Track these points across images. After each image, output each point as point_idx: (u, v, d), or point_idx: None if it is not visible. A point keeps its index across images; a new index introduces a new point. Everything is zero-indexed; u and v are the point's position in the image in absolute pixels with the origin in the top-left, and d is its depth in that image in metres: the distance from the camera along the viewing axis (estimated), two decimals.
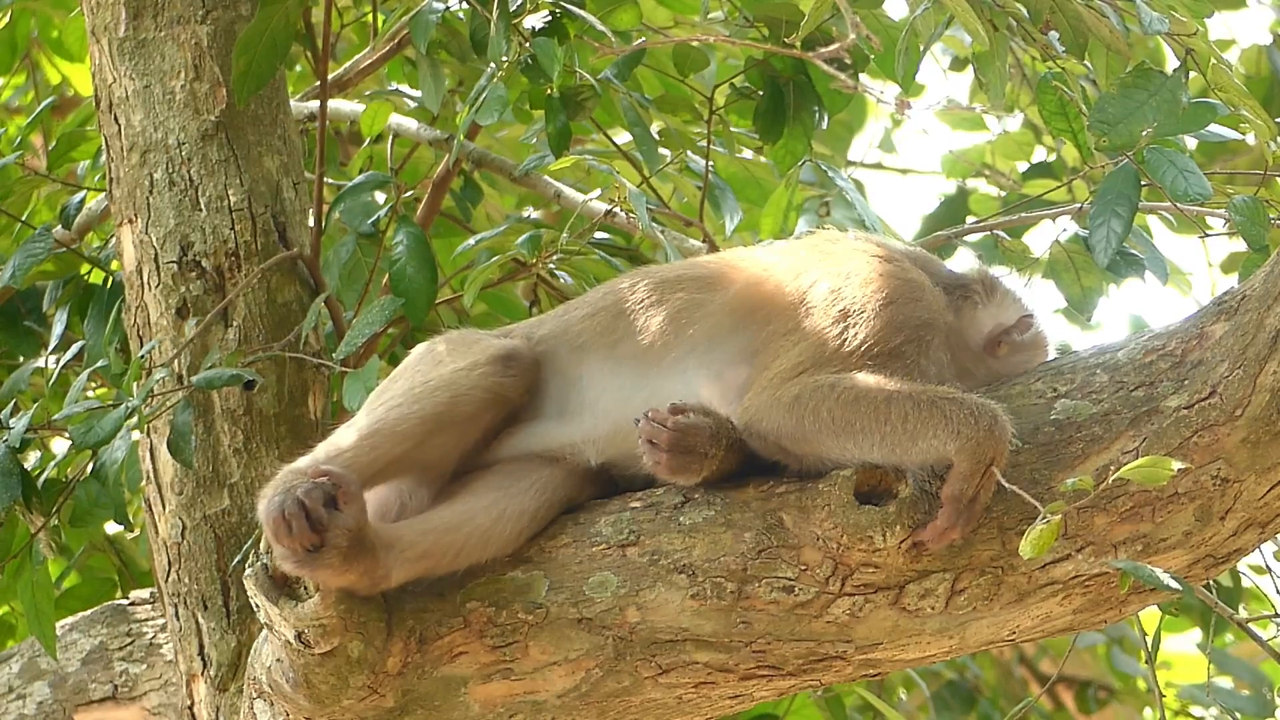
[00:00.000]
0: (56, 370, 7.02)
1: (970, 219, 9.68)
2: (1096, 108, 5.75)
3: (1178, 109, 5.74)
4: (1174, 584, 4.89)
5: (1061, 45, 6.12)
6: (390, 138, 7.68)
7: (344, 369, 6.48)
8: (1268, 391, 4.97)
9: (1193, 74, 5.92)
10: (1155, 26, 5.87)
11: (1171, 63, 5.99)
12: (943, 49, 9.50)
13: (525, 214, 8.47)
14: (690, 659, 5.21)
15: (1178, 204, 5.90)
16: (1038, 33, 6.11)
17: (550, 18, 6.52)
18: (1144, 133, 5.73)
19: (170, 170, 6.57)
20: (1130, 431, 5.06)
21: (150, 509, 6.53)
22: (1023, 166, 9.73)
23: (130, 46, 6.62)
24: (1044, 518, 4.74)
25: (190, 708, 6.42)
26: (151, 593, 7.07)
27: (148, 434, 6.51)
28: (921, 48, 6.11)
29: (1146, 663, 6.75)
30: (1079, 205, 6.32)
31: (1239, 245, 5.97)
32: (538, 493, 5.38)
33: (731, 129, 7.39)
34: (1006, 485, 4.93)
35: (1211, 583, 6.19)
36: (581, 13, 6.53)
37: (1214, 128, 5.85)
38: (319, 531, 5.10)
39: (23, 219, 7.51)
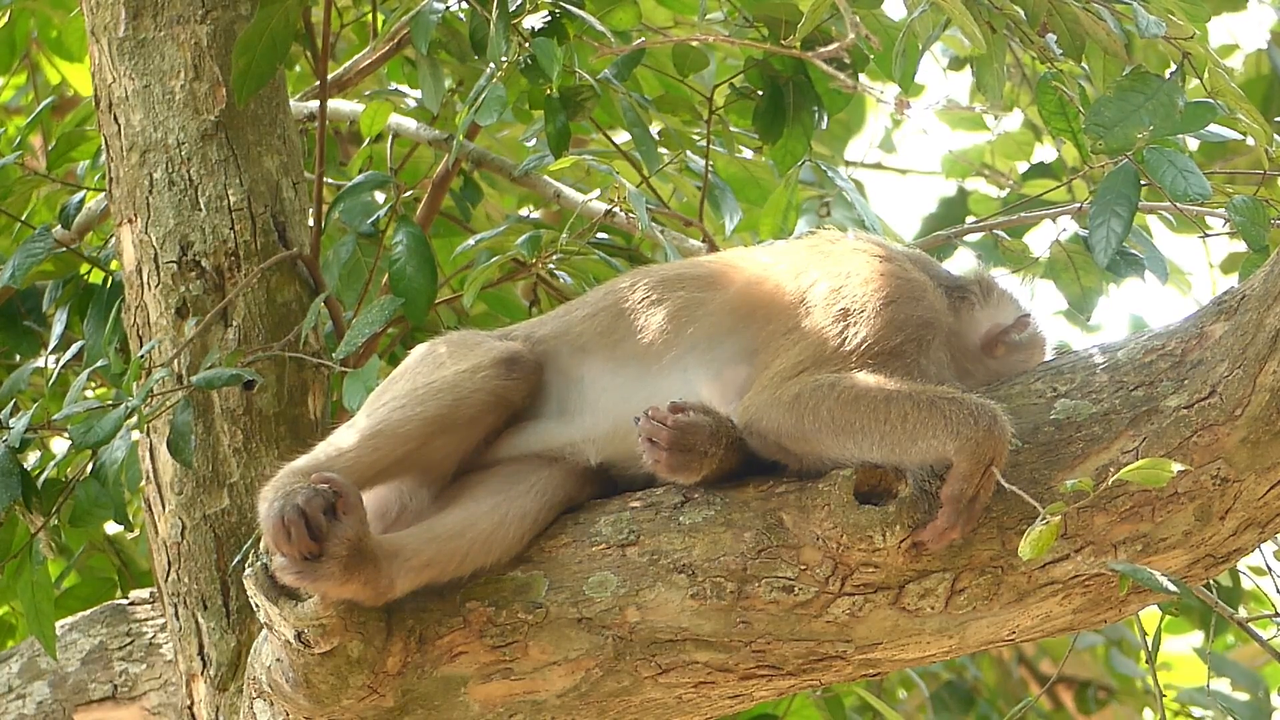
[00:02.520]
0: (56, 370, 7.02)
1: (970, 219, 9.68)
2: (1093, 111, 5.76)
3: (1174, 113, 5.75)
4: (1172, 586, 4.89)
5: (1059, 48, 6.12)
6: (390, 138, 7.67)
7: (344, 369, 6.48)
8: (1267, 391, 4.97)
9: (1192, 80, 5.93)
10: (1152, 30, 5.87)
11: (1173, 66, 6.00)
12: (942, 48, 9.50)
13: (525, 214, 8.47)
14: (690, 659, 5.21)
15: (1177, 204, 5.91)
16: (1035, 35, 6.12)
17: (549, 18, 6.52)
18: (1140, 136, 5.73)
19: (170, 170, 6.57)
20: (1130, 431, 5.06)
21: (150, 509, 6.53)
22: (1022, 166, 9.73)
23: (130, 46, 6.62)
24: (1043, 519, 4.75)
25: (190, 708, 6.42)
26: (151, 593, 7.07)
27: (147, 434, 6.51)
28: (920, 48, 6.12)
29: (1147, 663, 6.75)
30: (1079, 205, 6.32)
31: (1239, 245, 5.97)
32: (538, 495, 5.37)
33: (731, 129, 7.39)
34: (1006, 485, 4.93)
35: (1211, 583, 6.19)
36: (581, 13, 6.53)
37: (1214, 127, 5.86)
38: (318, 540, 5.09)
39: (23, 219, 7.51)
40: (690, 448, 5.16)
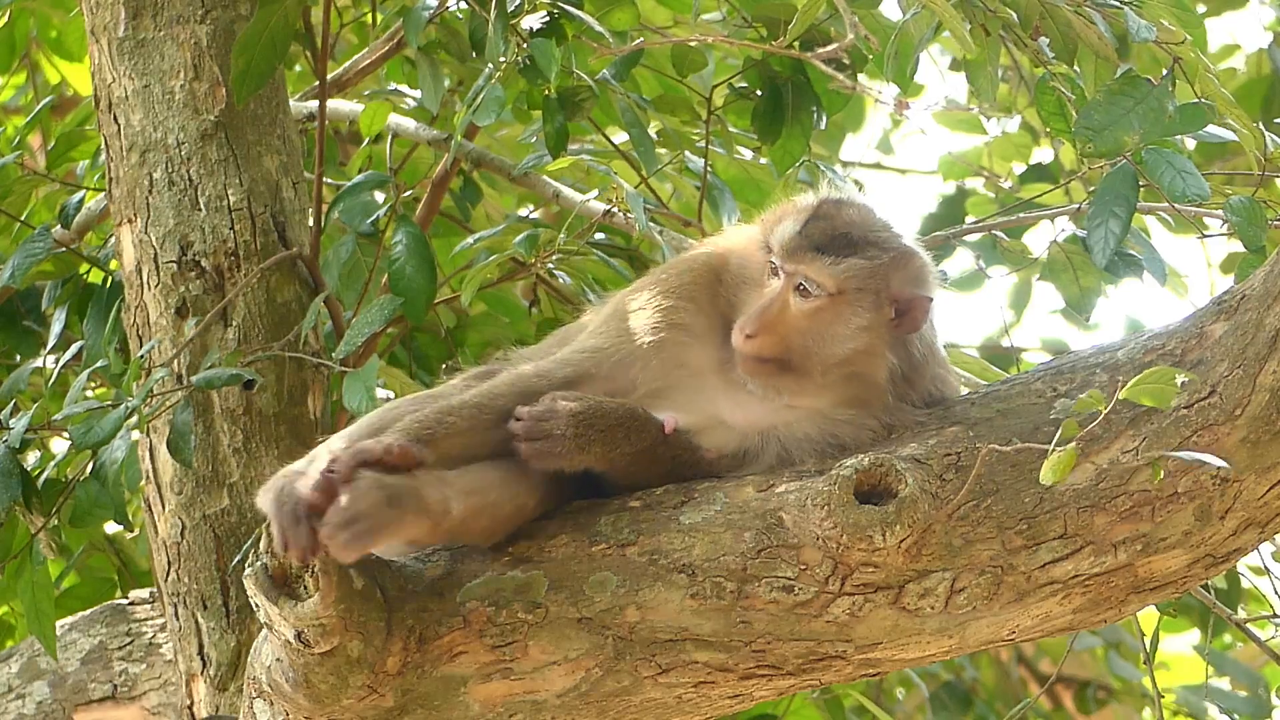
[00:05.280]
0: (56, 370, 7.02)
1: (968, 219, 9.69)
2: (1083, 114, 5.77)
3: (1164, 116, 5.76)
4: (1217, 461, 4.80)
5: (1051, 51, 6.12)
6: (389, 138, 7.68)
7: (344, 369, 6.48)
8: (1267, 391, 4.97)
9: (1184, 84, 5.94)
10: (1142, 34, 5.87)
11: (1164, 70, 6.01)
12: (940, 50, 9.51)
13: (525, 214, 8.47)
14: (690, 658, 5.21)
15: (1175, 205, 5.91)
16: (1028, 38, 6.12)
17: (548, 18, 6.53)
18: (1129, 140, 5.74)
19: (170, 170, 6.58)
20: (1130, 431, 5.07)
21: (150, 509, 6.53)
22: (1020, 168, 9.73)
23: (129, 46, 6.63)
24: (1061, 444, 4.70)
25: (190, 707, 6.43)
26: (151, 592, 7.07)
27: (147, 434, 6.51)
28: (914, 50, 6.12)
29: (1145, 663, 6.75)
30: (1077, 206, 6.33)
31: (1238, 246, 5.98)
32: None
33: (730, 129, 7.40)
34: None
35: (1210, 583, 6.20)
36: (579, 13, 6.54)
37: (1211, 128, 5.87)
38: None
39: (22, 219, 7.51)
40: (546, 434, 5.16)
